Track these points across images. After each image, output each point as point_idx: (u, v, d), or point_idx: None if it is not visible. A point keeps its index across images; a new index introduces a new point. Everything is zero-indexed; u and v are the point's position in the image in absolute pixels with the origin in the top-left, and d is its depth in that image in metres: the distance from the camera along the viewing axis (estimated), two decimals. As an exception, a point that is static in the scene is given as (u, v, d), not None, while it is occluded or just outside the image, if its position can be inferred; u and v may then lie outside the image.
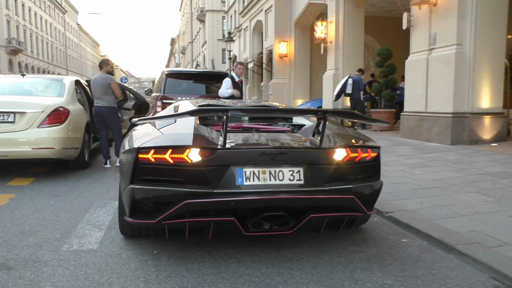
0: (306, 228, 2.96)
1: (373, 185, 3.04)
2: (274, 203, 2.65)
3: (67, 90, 6.16)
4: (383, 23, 17.92)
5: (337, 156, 2.84)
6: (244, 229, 2.68)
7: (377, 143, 3.13)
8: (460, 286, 2.49)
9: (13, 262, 2.72)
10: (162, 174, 2.65)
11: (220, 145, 2.63)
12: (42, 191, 4.79)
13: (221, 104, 4.01)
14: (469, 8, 7.88)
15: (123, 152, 3.03)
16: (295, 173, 2.73)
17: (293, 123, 3.63)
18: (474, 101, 8.00)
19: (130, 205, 2.74)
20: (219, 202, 2.58)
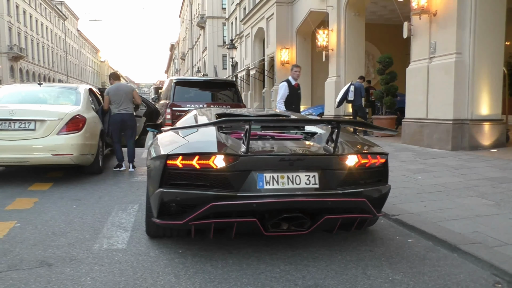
0: (321, 228, 3.16)
1: (382, 189, 3.26)
2: (292, 205, 2.87)
3: (82, 99, 6.41)
4: (383, 30, 18.25)
5: (349, 162, 3.06)
6: (264, 229, 2.89)
7: (385, 150, 3.37)
8: (463, 281, 2.72)
9: (52, 260, 2.95)
10: (189, 179, 2.87)
11: (243, 151, 2.86)
12: (63, 195, 5.02)
13: (239, 113, 4.24)
14: (468, 18, 8.16)
15: (151, 158, 3.25)
16: (311, 178, 2.95)
17: (305, 131, 3.87)
18: (474, 108, 8.27)
19: (158, 207, 2.94)
20: (242, 204, 2.79)
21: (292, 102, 7.24)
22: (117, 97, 6.66)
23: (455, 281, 2.72)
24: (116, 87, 6.78)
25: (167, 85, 9.25)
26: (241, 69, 26.01)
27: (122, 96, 6.65)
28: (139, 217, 4.08)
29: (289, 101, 7.18)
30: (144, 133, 7.66)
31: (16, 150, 5.37)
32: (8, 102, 6.06)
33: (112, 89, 6.79)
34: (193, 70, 61.74)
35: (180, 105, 8.08)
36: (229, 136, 3.29)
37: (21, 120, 5.45)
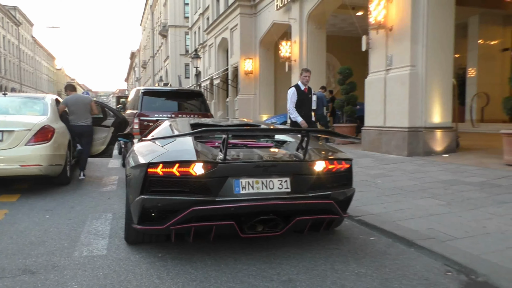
0: (293, 229, 3.38)
1: (347, 192, 3.56)
2: (267, 208, 3.08)
3: (50, 109, 6.39)
4: (343, 42, 19.03)
5: (318, 168, 3.32)
6: (241, 232, 3.08)
7: (349, 156, 3.68)
8: (419, 271, 3.05)
9: (34, 268, 3.03)
10: (169, 186, 3.02)
11: (220, 159, 3.05)
12: (34, 206, 5.01)
13: (214, 123, 4.45)
14: (421, 34, 8.77)
15: (131, 167, 3.39)
16: (283, 182, 3.19)
17: (275, 140, 4.13)
18: (427, 117, 8.86)
19: (139, 214, 3.08)
20: (221, 208, 2.98)
21: (301, 107, 7.01)
22: (77, 108, 6.81)
23: (412, 272, 3.04)
24: (75, 98, 6.95)
25: (134, 95, 9.29)
26: (205, 78, 26.15)
27: (82, 107, 6.83)
28: (115, 225, 4.19)
29: (298, 107, 6.98)
30: (112, 143, 7.68)
31: (-18, 161, 5.30)
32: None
33: (71, 100, 6.89)
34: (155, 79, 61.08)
35: (147, 115, 8.15)
36: (205, 145, 3.48)
37: (-13, 131, 5.39)
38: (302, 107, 6.94)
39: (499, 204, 4.73)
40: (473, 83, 15.09)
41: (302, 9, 14.42)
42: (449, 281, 2.89)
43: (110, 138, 7.55)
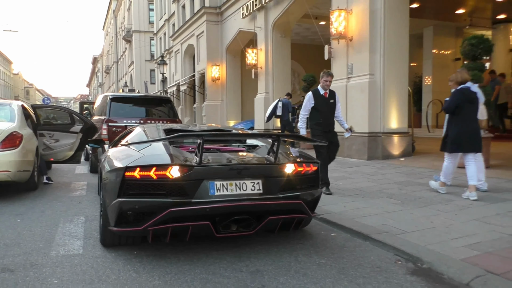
0: (264, 229, 3.55)
1: (315, 192, 3.79)
2: (240, 208, 3.26)
3: (17, 115, 6.39)
4: (307, 50, 19.62)
5: (288, 170, 3.53)
6: (216, 232, 3.25)
7: (316, 159, 3.97)
8: (373, 261, 3.40)
9: (12, 267, 3.15)
10: (146, 188, 3.15)
11: (196, 163, 3.22)
12: (3, 211, 5.04)
13: (186, 129, 4.66)
14: (379, 44, 9.34)
15: (107, 171, 3.49)
16: (255, 184, 3.37)
17: (247, 144, 4.33)
18: (385, 123, 9.42)
19: (116, 216, 3.20)
20: (197, 209, 3.13)
21: (319, 115, 6.08)
22: None
23: (366, 261, 3.38)
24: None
25: (101, 101, 9.33)
26: (172, 85, 26.12)
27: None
28: (88, 227, 4.32)
29: (316, 115, 6.09)
30: (80, 149, 7.71)
31: (-51, 167, 5.27)
32: None
33: None
34: (119, 84, 60.07)
35: (116, 121, 8.23)
36: (180, 149, 3.63)
37: (-46, 137, 5.37)
38: (321, 114, 6.07)
39: (446, 202, 5.20)
40: (428, 90, 15.97)
41: (267, 18, 14.85)
42: (398, 268, 3.25)
43: (78, 144, 7.57)
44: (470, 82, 5.62)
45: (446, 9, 13.52)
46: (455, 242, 3.69)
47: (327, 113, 6.15)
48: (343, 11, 9.89)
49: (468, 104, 5.41)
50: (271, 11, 14.62)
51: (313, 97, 6.13)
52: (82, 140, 7.57)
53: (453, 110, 5.45)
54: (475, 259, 3.28)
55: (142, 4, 44.96)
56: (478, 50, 7.18)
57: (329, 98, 6.17)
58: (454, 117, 5.52)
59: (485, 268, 3.08)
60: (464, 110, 5.40)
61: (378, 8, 9.26)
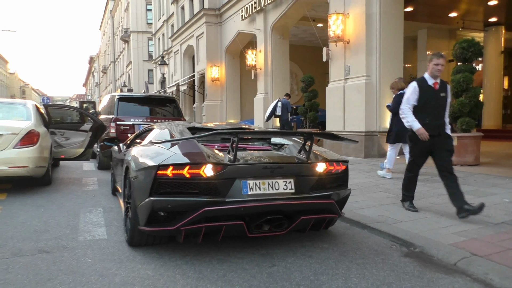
0: (295, 228, 3.50)
1: (344, 192, 3.79)
2: (274, 208, 3.22)
3: (33, 114, 6.72)
4: (305, 51, 20.03)
5: (319, 169, 3.51)
6: (248, 231, 3.23)
7: (346, 158, 3.97)
8: (371, 246, 3.77)
9: (47, 249, 3.51)
10: (178, 187, 3.11)
11: (229, 161, 3.19)
12: (25, 203, 5.38)
13: (211, 127, 4.48)
14: (375, 47, 9.74)
15: (137, 170, 3.43)
16: (287, 183, 3.35)
17: (272, 143, 4.27)
18: (381, 122, 9.81)
19: (148, 215, 3.15)
20: (231, 208, 3.10)
21: (426, 111, 4.64)
22: None
23: (365, 246, 3.76)
24: None
25: (109, 101, 9.66)
26: (171, 85, 26.43)
27: None
28: (107, 217, 4.67)
29: (423, 109, 4.64)
30: (89, 147, 8.04)
31: (-28, 163, 5.61)
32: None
33: None
34: (116, 84, 60.24)
35: (123, 120, 8.57)
36: (209, 147, 3.57)
37: (-23, 134, 5.70)
38: (428, 111, 4.64)
39: (438, 196, 5.59)
40: (423, 91, 16.36)
41: (266, 20, 15.23)
42: (393, 252, 3.63)
43: (88, 142, 7.90)
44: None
45: (439, 13, 13.95)
46: (444, 230, 4.07)
47: (437, 111, 4.66)
48: (341, 15, 10.29)
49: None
50: (270, 13, 15.00)
51: (419, 88, 4.68)
52: (91, 138, 7.90)
53: (397, 110, 6.18)
54: (462, 244, 3.66)
55: (140, 4, 45.20)
56: (468, 53, 7.59)
57: (440, 90, 4.67)
58: (396, 116, 6.57)
59: (470, 251, 3.46)
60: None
61: (373, 12, 9.66)
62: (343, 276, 3.01)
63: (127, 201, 3.77)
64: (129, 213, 3.57)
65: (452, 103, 7.79)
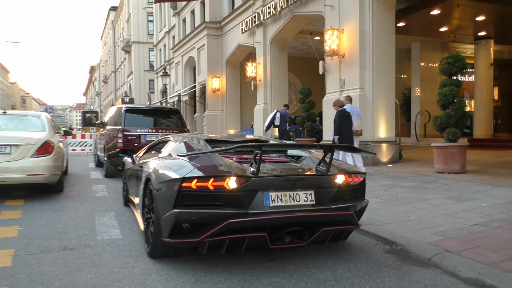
0: (316, 240, 3.55)
1: (362, 203, 3.89)
2: (297, 219, 3.28)
3: (47, 125, 7.22)
4: (303, 63, 20.62)
5: (339, 181, 3.56)
6: (270, 243, 3.26)
7: (363, 170, 4.34)
8: (358, 244, 4.22)
9: (71, 246, 3.97)
10: (202, 199, 3.16)
11: (253, 173, 3.24)
12: (43, 208, 5.84)
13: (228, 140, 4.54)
14: (368, 61, 10.28)
15: (160, 182, 3.46)
16: (308, 195, 3.40)
17: (288, 155, 4.34)
18: (374, 132, 10.31)
19: (171, 227, 3.19)
20: (255, 220, 3.14)
21: None
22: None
23: (353, 244, 4.22)
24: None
25: (115, 112, 10.16)
26: (173, 95, 26.99)
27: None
28: (120, 220, 5.14)
29: None
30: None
31: (-6, 171, 6.08)
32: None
33: None
34: (117, 94, 60.90)
35: (130, 130, 9.05)
36: (229, 160, 3.63)
37: (-2, 144, 6.18)
38: None
39: (423, 201, 6.06)
40: (417, 102, 16.95)
41: (265, 33, 15.80)
42: (377, 249, 4.10)
43: None
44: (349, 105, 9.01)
45: (430, 27, 14.55)
46: (424, 231, 4.53)
47: None
48: (336, 31, 10.84)
49: (346, 119, 8.44)
50: (269, 27, 15.58)
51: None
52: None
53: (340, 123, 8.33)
54: (438, 242, 4.13)
55: (141, 16, 46.02)
56: (454, 68, 8.10)
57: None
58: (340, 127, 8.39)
59: (444, 248, 3.93)
60: (344, 123, 8.39)
61: (367, 28, 10.21)
62: (331, 269, 3.47)
63: (147, 212, 3.82)
64: (150, 225, 3.64)
65: (439, 115, 8.30)
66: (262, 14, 15.54)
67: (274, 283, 3.13)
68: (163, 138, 5.18)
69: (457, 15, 13.53)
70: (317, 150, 4.31)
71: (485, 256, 3.67)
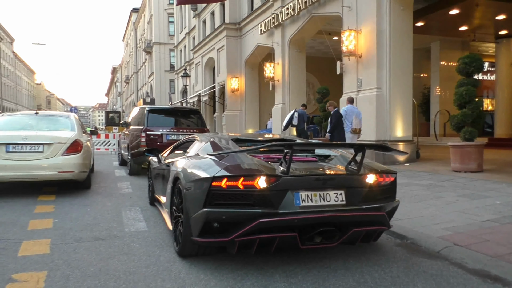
0: (346, 240, 3.49)
1: (394, 203, 3.81)
2: (327, 219, 3.24)
3: (76, 125, 7.64)
4: (321, 62, 20.74)
5: (369, 180, 3.51)
6: (300, 243, 3.24)
7: (393, 169, 3.93)
8: (370, 238, 4.43)
9: (102, 237, 4.30)
10: (232, 198, 3.13)
11: (282, 172, 3.22)
12: (73, 203, 6.23)
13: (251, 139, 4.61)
14: (385, 61, 10.39)
15: (189, 181, 3.47)
16: (338, 195, 3.36)
17: (316, 154, 4.31)
18: (391, 131, 10.42)
19: (201, 226, 3.19)
20: (286, 220, 3.12)
21: None
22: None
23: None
24: None
25: (138, 113, 10.58)
26: (193, 95, 27.47)
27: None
28: (145, 214, 5.46)
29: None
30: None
31: (28, 168, 6.50)
32: (13, 129, 7.09)
33: None
34: (138, 94, 62.06)
35: (152, 130, 9.43)
36: (258, 159, 3.61)
37: (32, 144, 6.59)
38: None
39: (437, 198, 6.20)
40: (436, 101, 16.89)
41: (284, 34, 16.02)
42: (388, 242, 4.29)
43: None
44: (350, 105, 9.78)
45: (449, 27, 14.51)
46: (436, 226, 4.70)
47: None
48: (353, 31, 10.99)
49: (340, 120, 9.43)
50: (288, 28, 15.79)
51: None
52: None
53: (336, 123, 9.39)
54: (448, 237, 4.29)
55: (162, 17, 46.84)
56: (471, 68, 8.17)
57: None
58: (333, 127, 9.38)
59: (453, 242, 4.10)
60: (339, 123, 9.40)
61: (384, 28, 10.33)
62: (342, 259, 3.69)
63: (176, 211, 3.85)
64: (180, 224, 3.64)
65: (456, 114, 8.37)
66: (280, 15, 15.76)
67: (288, 271, 3.37)
68: (188, 137, 5.20)
69: (477, 15, 13.47)
70: (347, 150, 4.23)
71: (492, 249, 3.83)
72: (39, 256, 3.69)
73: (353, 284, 3.12)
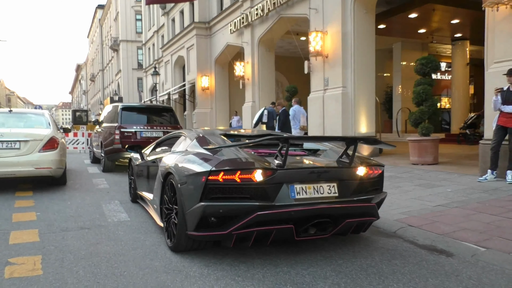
0: (339, 232, 3.62)
1: (381, 195, 3.96)
2: (322, 211, 3.32)
3: (51, 122, 7.76)
4: (289, 62, 21.29)
5: (360, 173, 3.61)
6: (296, 235, 3.32)
7: (381, 162, 4.08)
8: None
9: (87, 226, 4.57)
10: (229, 192, 3.17)
11: (278, 166, 3.27)
12: (52, 198, 6.40)
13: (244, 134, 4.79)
14: (350, 61, 10.98)
15: (184, 175, 3.45)
16: (331, 188, 3.45)
17: (305, 148, 4.41)
18: (356, 128, 11.03)
19: (198, 221, 3.20)
20: (282, 212, 3.17)
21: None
22: None
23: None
24: None
25: (111, 110, 10.71)
26: (163, 93, 27.45)
27: None
28: (125, 206, 5.73)
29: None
30: None
31: (5, 165, 6.60)
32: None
33: None
34: (105, 92, 60.92)
35: (126, 127, 9.61)
36: (252, 153, 3.68)
37: (8, 141, 6.69)
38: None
39: (396, 188, 6.78)
40: (398, 99, 17.78)
41: (253, 34, 16.43)
42: (351, 226, 4.77)
43: None
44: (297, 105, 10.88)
45: (410, 29, 15.36)
46: (393, 211, 5.23)
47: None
48: (320, 33, 11.52)
49: (287, 118, 10.62)
50: (257, 28, 16.21)
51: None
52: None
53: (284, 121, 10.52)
54: (404, 219, 4.83)
55: (129, 14, 46.20)
56: (427, 68, 8.85)
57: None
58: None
59: (407, 224, 4.63)
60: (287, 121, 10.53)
61: (349, 30, 10.91)
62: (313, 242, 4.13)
63: (168, 207, 3.82)
64: (172, 219, 3.65)
65: (414, 111, 9.04)
66: (250, 15, 16.15)
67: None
68: (173, 133, 5.19)
69: (434, 18, 14.34)
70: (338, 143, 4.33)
71: (440, 228, 4.38)
72: (31, 243, 3.94)
73: (320, 258, 3.56)
